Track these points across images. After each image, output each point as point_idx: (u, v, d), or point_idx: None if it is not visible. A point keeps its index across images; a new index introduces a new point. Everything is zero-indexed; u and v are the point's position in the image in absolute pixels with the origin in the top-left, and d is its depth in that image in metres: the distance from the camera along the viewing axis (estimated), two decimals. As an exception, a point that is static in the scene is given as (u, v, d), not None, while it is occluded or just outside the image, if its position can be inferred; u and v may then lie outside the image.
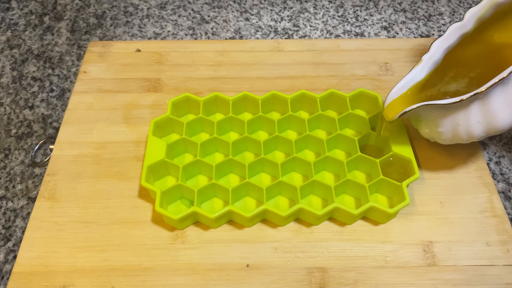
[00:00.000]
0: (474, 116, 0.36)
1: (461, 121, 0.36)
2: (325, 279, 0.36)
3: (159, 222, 0.40)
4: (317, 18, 0.60)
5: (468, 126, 0.36)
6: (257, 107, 0.45)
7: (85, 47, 0.56)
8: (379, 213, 0.38)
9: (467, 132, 0.37)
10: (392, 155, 0.41)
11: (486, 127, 0.36)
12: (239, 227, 0.39)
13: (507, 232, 0.39)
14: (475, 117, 0.36)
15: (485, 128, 0.36)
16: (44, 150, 0.47)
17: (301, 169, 0.42)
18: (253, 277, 0.37)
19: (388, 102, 0.39)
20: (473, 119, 0.36)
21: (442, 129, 0.38)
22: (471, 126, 0.36)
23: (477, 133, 0.36)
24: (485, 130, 0.36)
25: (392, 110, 0.39)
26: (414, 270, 0.37)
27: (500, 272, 0.37)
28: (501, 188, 0.43)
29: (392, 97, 0.39)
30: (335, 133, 0.43)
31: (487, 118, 0.36)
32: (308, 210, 0.38)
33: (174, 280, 0.36)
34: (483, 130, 0.36)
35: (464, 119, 0.36)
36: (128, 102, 0.48)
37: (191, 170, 0.42)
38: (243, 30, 0.58)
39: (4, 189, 0.43)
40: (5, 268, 0.39)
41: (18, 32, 0.58)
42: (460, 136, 0.37)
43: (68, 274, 0.37)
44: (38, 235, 0.39)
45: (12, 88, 0.52)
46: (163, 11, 0.61)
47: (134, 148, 0.45)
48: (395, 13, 0.61)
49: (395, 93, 0.39)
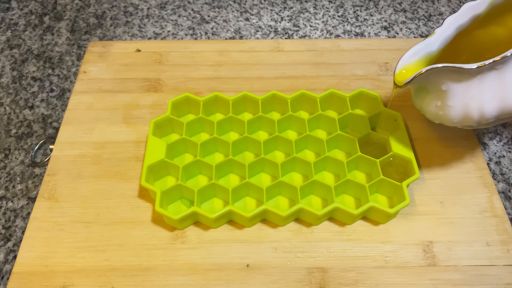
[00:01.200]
0: (489, 89, 0.34)
1: (475, 93, 0.34)
2: (325, 279, 0.36)
3: (159, 222, 0.40)
4: (317, 18, 0.60)
5: (481, 100, 0.34)
6: (257, 107, 0.45)
7: (85, 47, 0.56)
8: (379, 213, 0.38)
9: (479, 108, 0.35)
10: (392, 155, 0.41)
11: (500, 104, 0.34)
12: (239, 227, 0.39)
13: (507, 232, 0.39)
14: (490, 90, 0.34)
15: (499, 105, 0.34)
16: (44, 150, 0.47)
17: (301, 169, 0.42)
18: (253, 277, 0.37)
19: (400, 67, 0.38)
20: (487, 93, 0.34)
21: (453, 102, 0.36)
22: (484, 100, 0.34)
23: (489, 110, 0.34)
24: (498, 108, 0.34)
25: (402, 74, 0.37)
26: (414, 270, 0.37)
27: (500, 272, 0.37)
28: (501, 188, 0.43)
29: (403, 61, 0.38)
30: (335, 133, 0.43)
31: (503, 92, 0.34)
32: (308, 210, 0.38)
33: (174, 280, 0.36)
34: (496, 108, 0.34)
35: (478, 91, 0.34)
36: (128, 102, 0.48)
37: (191, 170, 0.42)
38: (243, 30, 0.58)
39: (4, 189, 0.43)
40: (5, 268, 0.39)
41: (18, 32, 0.58)
42: (470, 113, 0.35)
43: (68, 274, 0.37)
44: (38, 235, 0.39)
45: (12, 88, 0.52)
46: (163, 11, 0.61)
47: (134, 148, 0.45)
48: (395, 13, 0.61)
49: (407, 58, 0.38)
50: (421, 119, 0.47)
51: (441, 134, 0.46)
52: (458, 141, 0.45)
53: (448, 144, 0.45)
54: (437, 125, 0.46)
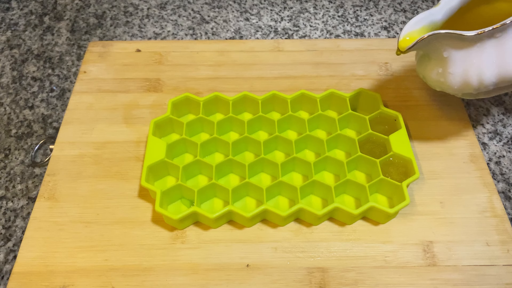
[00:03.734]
0: (488, 56, 0.35)
1: (475, 60, 0.36)
2: (325, 279, 0.36)
3: (159, 222, 0.40)
4: (317, 18, 0.60)
5: (480, 67, 0.36)
6: (257, 107, 0.45)
7: (85, 47, 0.56)
8: (379, 213, 0.38)
9: (478, 74, 0.36)
10: (392, 155, 0.41)
11: (499, 71, 0.35)
12: (239, 227, 0.39)
13: (507, 232, 0.39)
14: (489, 57, 0.35)
15: (498, 72, 0.35)
16: (44, 150, 0.47)
17: (301, 169, 0.42)
18: (253, 277, 0.37)
19: (404, 33, 0.39)
20: (487, 59, 0.35)
21: (454, 69, 0.37)
22: (484, 67, 0.35)
23: (488, 76, 0.36)
24: (497, 75, 0.35)
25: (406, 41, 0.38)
26: (414, 270, 0.37)
27: (500, 272, 0.37)
28: (501, 188, 0.43)
29: (408, 28, 0.39)
30: (335, 133, 0.43)
31: (501, 60, 0.35)
32: (308, 210, 0.38)
33: (174, 280, 0.36)
34: (495, 75, 0.35)
35: (477, 58, 0.36)
36: (128, 102, 0.48)
37: (191, 170, 0.42)
38: (243, 30, 0.58)
39: (4, 189, 0.43)
40: (5, 268, 0.39)
41: (18, 32, 0.58)
42: (470, 80, 0.36)
43: (68, 274, 0.37)
44: (38, 235, 0.39)
45: (12, 88, 0.52)
46: (163, 11, 0.61)
47: (134, 148, 0.45)
48: (395, 13, 0.61)
49: (411, 26, 0.39)
50: (421, 119, 0.47)
51: (441, 134, 0.46)
52: (458, 141, 0.45)
53: (448, 144, 0.45)
54: (437, 125, 0.46)
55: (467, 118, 0.47)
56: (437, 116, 0.47)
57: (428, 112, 0.47)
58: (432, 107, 0.48)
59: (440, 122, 0.47)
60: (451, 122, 0.47)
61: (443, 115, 0.47)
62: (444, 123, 0.47)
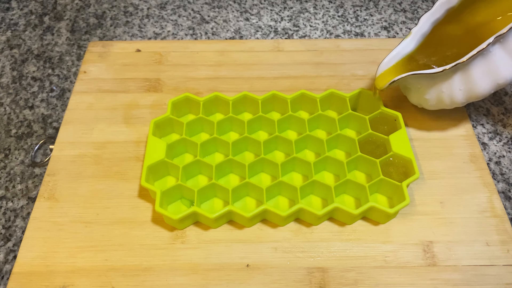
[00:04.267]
0: (456, 84, 0.40)
1: (445, 89, 0.41)
2: (325, 279, 0.36)
3: (159, 222, 0.40)
4: (317, 18, 0.60)
5: (451, 93, 0.41)
6: (257, 107, 0.45)
7: (85, 47, 0.56)
8: (379, 213, 0.38)
9: (450, 98, 0.41)
10: (392, 155, 0.41)
11: (467, 94, 0.40)
12: (239, 227, 0.39)
13: (507, 232, 0.39)
14: (457, 85, 0.40)
15: (466, 95, 0.40)
16: (44, 150, 0.47)
17: (301, 169, 0.42)
18: (253, 277, 0.37)
19: (379, 72, 0.43)
20: (455, 87, 0.40)
21: (428, 96, 0.42)
22: (453, 93, 0.40)
23: (458, 99, 0.41)
24: (466, 97, 0.41)
25: (383, 79, 0.43)
26: (414, 270, 0.37)
27: (500, 272, 0.37)
28: (501, 188, 0.43)
29: (383, 67, 0.43)
30: (335, 133, 0.43)
31: (468, 85, 0.40)
32: (308, 210, 0.38)
33: (174, 280, 0.36)
34: (464, 97, 0.41)
35: (447, 87, 0.40)
36: (128, 102, 0.48)
37: (191, 170, 0.42)
38: (243, 30, 0.58)
39: (4, 189, 0.43)
40: (5, 268, 0.39)
41: (18, 32, 0.58)
42: (444, 102, 0.42)
43: (68, 274, 0.37)
44: (38, 235, 0.39)
45: (12, 88, 0.52)
46: (163, 11, 0.61)
47: (134, 148, 0.45)
48: (395, 13, 0.61)
49: (386, 64, 0.43)
50: (421, 119, 0.47)
51: (441, 134, 0.46)
52: (458, 141, 0.45)
53: (448, 144, 0.45)
54: (437, 125, 0.46)
55: (467, 118, 0.47)
56: (437, 116, 0.47)
57: (428, 112, 0.47)
58: (432, 107, 0.48)
59: (440, 122, 0.47)
60: (451, 122, 0.47)
61: (443, 115, 0.47)
62: (444, 123, 0.47)
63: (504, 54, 0.38)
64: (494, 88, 0.40)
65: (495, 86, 0.39)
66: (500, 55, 0.38)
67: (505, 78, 0.39)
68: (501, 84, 0.39)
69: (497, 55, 0.38)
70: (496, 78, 0.39)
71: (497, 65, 0.39)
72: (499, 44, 0.38)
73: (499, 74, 0.39)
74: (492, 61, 0.39)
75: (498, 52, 0.38)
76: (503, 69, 0.39)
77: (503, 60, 0.38)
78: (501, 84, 0.39)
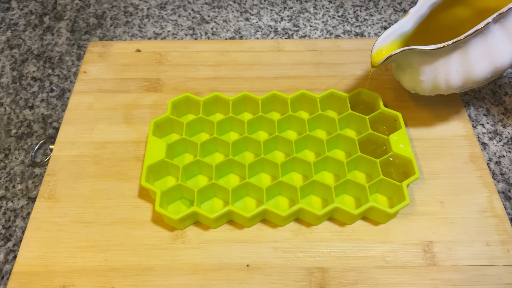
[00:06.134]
0: (453, 65, 0.39)
1: (442, 69, 0.39)
2: (325, 279, 0.36)
3: (159, 222, 0.40)
4: (317, 18, 0.60)
5: (447, 74, 0.39)
6: (257, 107, 0.45)
7: (85, 47, 0.56)
8: (379, 213, 0.38)
9: (446, 80, 0.39)
10: (392, 155, 0.41)
11: (464, 76, 0.39)
12: (239, 227, 0.39)
13: (507, 232, 0.39)
14: (454, 65, 0.39)
15: (463, 77, 0.39)
16: (44, 150, 0.47)
17: (301, 169, 0.42)
18: (253, 277, 0.37)
19: (376, 49, 0.41)
20: (452, 68, 0.39)
21: (424, 77, 0.40)
22: (450, 74, 0.39)
23: (455, 82, 0.39)
24: (462, 80, 0.39)
25: (379, 55, 0.41)
26: (414, 270, 0.37)
27: (500, 272, 0.37)
28: (501, 188, 0.43)
29: (379, 43, 0.41)
30: (335, 133, 0.43)
31: (465, 67, 0.38)
32: (308, 210, 0.38)
33: (174, 280, 0.36)
34: (460, 80, 0.39)
35: (444, 67, 0.39)
36: (128, 102, 0.48)
37: (191, 170, 0.42)
38: (243, 30, 0.58)
39: (4, 189, 0.43)
40: (5, 268, 0.39)
41: (18, 32, 0.58)
42: (439, 85, 0.40)
43: (68, 274, 0.37)
44: (38, 235, 0.39)
45: (12, 88, 0.52)
46: (163, 11, 0.61)
47: (134, 148, 0.45)
48: (395, 13, 0.61)
49: (382, 40, 0.42)
50: (421, 119, 0.47)
51: (441, 134, 0.46)
52: (458, 141, 0.45)
53: (448, 144, 0.45)
54: (437, 125, 0.46)
55: (467, 118, 0.47)
56: (437, 116, 0.47)
57: (428, 112, 0.47)
58: (432, 107, 0.48)
59: (440, 122, 0.47)
60: (451, 122, 0.47)
61: (443, 115, 0.47)
62: (444, 123, 0.47)
63: (504, 35, 0.37)
64: (491, 72, 0.38)
65: (493, 70, 0.38)
66: (499, 36, 0.37)
67: (503, 61, 0.38)
68: (498, 68, 0.38)
69: (496, 36, 0.37)
70: (494, 61, 0.38)
71: (496, 47, 0.37)
72: (499, 24, 0.37)
73: (497, 57, 0.38)
74: (491, 42, 0.37)
75: (498, 33, 0.37)
76: (502, 51, 0.37)
77: (502, 42, 0.37)
78: (499, 68, 0.38)
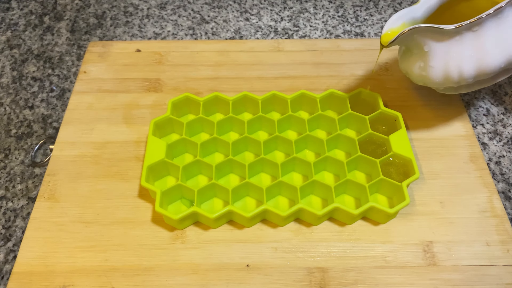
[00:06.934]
0: (467, 49, 0.37)
1: (454, 54, 0.37)
2: (325, 279, 0.36)
3: (159, 222, 0.40)
4: (317, 18, 0.60)
5: (460, 60, 0.37)
6: (257, 107, 0.45)
7: (85, 47, 0.56)
8: (379, 213, 0.38)
9: (458, 67, 0.37)
10: (392, 155, 0.41)
11: (477, 64, 0.37)
12: (239, 227, 0.39)
13: (507, 232, 0.39)
14: (468, 50, 0.37)
15: (476, 65, 0.37)
16: (44, 150, 0.47)
17: (301, 169, 0.42)
18: (253, 277, 0.37)
19: (386, 28, 0.40)
20: (465, 53, 0.37)
21: (434, 63, 0.38)
22: (463, 60, 0.37)
23: (467, 70, 0.37)
24: (476, 68, 0.37)
25: (389, 35, 0.40)
26: (414, 270, 0.37)
27: (500, 272, 0.37)
28: (501, 188, 0.43)
29: (390, 24, 0.40)
30: (335, 133, 0.43)
31: (479, 53, 0.37)
32: (308, 210, 0.38)
33: (174, 280, 0.36)
34: (474, 68, 0.37)
35: (457, 51, 0.37)
36: (128, 102, 0.48)
37: (191, 170, 0.42)
38: (243, 30, 0.58)
39: (4, 189, 0.43)
40: (5, 268, 0.39)
41: (18, 32, 0.58)
42: (450, 73, 0.38)
43: (68, 274, 0.37)
44: (38, 235, 0.39)
45: (12, 88, 0.52)
46: (163, 11, 0.61)
47: (134, 148, 0.45)
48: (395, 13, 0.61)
49: (393, 22, 0.40)
50: (421, 119, 0.47)
51: (441, 134, 0.46)
52: (458, 141, 0.45)
53: (448, 144, 0.45)
54: (437, 125, 0.46)
55: (467, 118, 0.47)
56: (437, 116, 0.47)
57: (428, 112, 0.47)
58: (432, 107, 0.48)
59: (440, 122, 0.47)
60: (451, 122, 0.47)
61: (443, 115, 0.47)
62: (444, 123, 0.47)
63: None
64: (505, 62, 0.37)
65: (507, 59, 0.37)
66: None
67: None
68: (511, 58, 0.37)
69: (510, 21, 0.36)
70: (508, 48, 0.36)
71: (510, 34, 0.36)
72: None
73: (511, 45, 0.36)
74: (507, 27, 0.36)
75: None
76: None
77: None
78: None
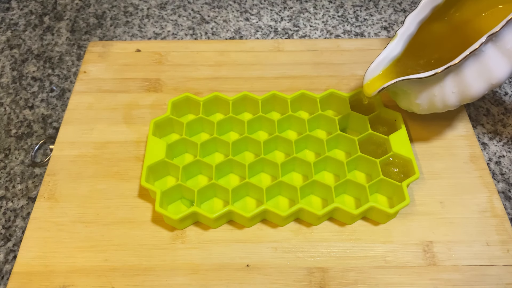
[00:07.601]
0: (448, 88, 0.38)
1: (437, 93, 0.39)
2: (325, 279, 0.36)
3: (159, 222, 0.40)
4: (317, 18, 0.60)
5: (443, 96, 0.39)
6: (257, 107, 0.45)
7: (85, 47, 0.56)
8: (379, 213, 0.38)
9: (442, 102, 0.39)
10: (392, 155, 0.41)
11: (460, 96, 0.38)
12: (239, 227, 0.39)
13: (507, 232, 0.39)
14: (449, 88, 0.38)
15: (459, 97, 0.38)
16: (44, 150, 0.47)
17: (301, 169, 0.42)
18: (253, 277, 0.37)
19: (367, 79, 0.41)
20: (447, 90, 0.38)
21: (419, 100, 0.40)
22: (446, 96, 0.38)
23: (452, 102, 0.39)
24: (459, 99, 0.39)
25: (372, 86, 0.41)
26: (414, 270, 0.37)
27: (500, 272, 0.37)
28: (501, 188, 0.43)
29: (370, 74, 0.41)
30: (335, 133, 0.43)
31: (461, 88, 0.38)
32: (308, 210, 0.38)
33: (174, 280, 0.36)
34: (457, 99, 0.39)
35: (439, 90, 0.38)
36: (128, 102, 0.48)
37: (191, 170, 0.42)
38: (243, 30, 0.58)
39: (4, 189, 0.43)
40: (5, 268, 0.39)
41: (18, 32, 0.58)
42: (436, 106, 0.40)
43: (68, 274, 0.37)
44: (38, 235, 0.39)
45: (12, 88, 0.52)
46: (163, 11, 0.61)
47: (134, 148, 0.45)
48: (395, 13, 0.61)
49: (372, 70, 0.41)
50: (421, 119, 0.47)
51: (441, 134, 0.46)
52: (458, 141, 0.45)
53: (448, 144, 0.45)
54: (437, 125, 0.46)
55: (467, 118, 0.47)
56: (437, 116, 0.47)
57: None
58: (432, 107, 0.48)
59: (440, 122, 0.47)
60: (451, 122, 0.47)
61: (443, 115, 0.47)
62: (444, 123, 0.47)
63: (497, 53, 0.37)
64: (488, 89, 0.38)
65: (489, 87, 0.38)
66: (493, 54, 0.37)
67: (498, 77, 0.37)
68: (494, 84, 0.38)
69: (490, 54, 0.37)
70: (489, 78, 0.37)
71: (490, 65, 0.37)
72: (492, 43, 0.37)
73: (493, 74, 0.37)
74: (485, 61, 0.37)
75: (491, 51, 0.37)
76: (496, 68, 0.37)
77: (496, 59, 0.37)
78: (495, 84, 0.38)
